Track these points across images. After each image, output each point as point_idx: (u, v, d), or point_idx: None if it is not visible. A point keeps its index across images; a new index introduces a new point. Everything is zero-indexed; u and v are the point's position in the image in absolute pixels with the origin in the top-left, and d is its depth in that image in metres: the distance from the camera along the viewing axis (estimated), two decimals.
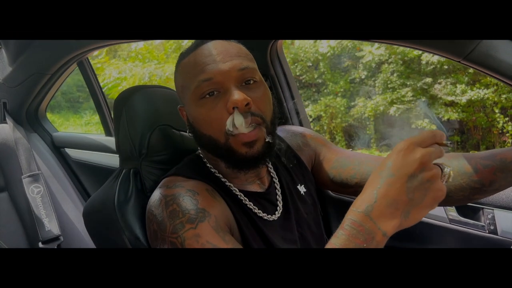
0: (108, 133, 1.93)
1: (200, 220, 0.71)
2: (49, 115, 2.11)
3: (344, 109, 5.24)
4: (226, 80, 0.77)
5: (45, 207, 1.47)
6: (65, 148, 1.98)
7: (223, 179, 0.86)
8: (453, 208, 1.28)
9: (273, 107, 0.83)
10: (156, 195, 0.80)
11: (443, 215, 1.29)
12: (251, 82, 0.79)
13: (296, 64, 5.58)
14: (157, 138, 0.99)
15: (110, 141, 1.81)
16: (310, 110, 5.41)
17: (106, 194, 0.93)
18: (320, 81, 5.53)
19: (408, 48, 4.61)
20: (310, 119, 5.35)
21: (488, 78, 4.42)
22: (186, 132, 0.94)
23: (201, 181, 0.81)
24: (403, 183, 0.55)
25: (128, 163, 0.99)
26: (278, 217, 0.87)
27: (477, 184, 0.79)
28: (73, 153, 1.97)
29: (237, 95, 0.74)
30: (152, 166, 0.98)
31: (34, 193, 1.49)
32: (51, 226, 1.45)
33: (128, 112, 0.97)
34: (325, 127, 5.38)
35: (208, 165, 0.88)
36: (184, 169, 0.86)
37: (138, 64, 5.69)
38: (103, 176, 1.25)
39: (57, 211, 1.55)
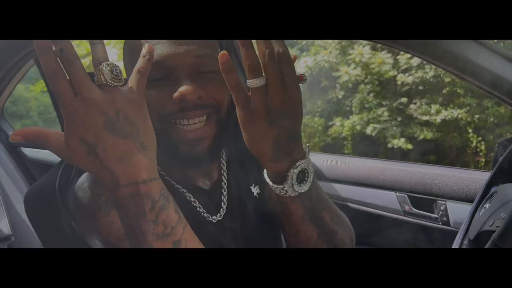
0: None
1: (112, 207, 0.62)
2: None
3: (321, 129, 5.25)
4: (178, 65, 0.64)
5: None
6: (22, 148, 1.89)
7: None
8: (408, 201, 1.34)
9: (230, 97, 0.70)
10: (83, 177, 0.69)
11: (398, 208, 1.35)
12: (208, 73, 0.67)
13: None
14: None
15: None
16: None
17: (48, 178, 0.90)
18: None
19: (384, 69, 4.71)
20: None
21: (461, 98, 4.52)
22: None
23: None
24: None
25: None
26: (219, 220, 0.75)
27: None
28: (30, 152, 1.87)
29: (186, 86, 0.63)
30: None
31: None
32: (1, 225, 1.39)
33: None
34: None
35: None
36: None
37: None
38: None
39: (10, 211, 1.50)
